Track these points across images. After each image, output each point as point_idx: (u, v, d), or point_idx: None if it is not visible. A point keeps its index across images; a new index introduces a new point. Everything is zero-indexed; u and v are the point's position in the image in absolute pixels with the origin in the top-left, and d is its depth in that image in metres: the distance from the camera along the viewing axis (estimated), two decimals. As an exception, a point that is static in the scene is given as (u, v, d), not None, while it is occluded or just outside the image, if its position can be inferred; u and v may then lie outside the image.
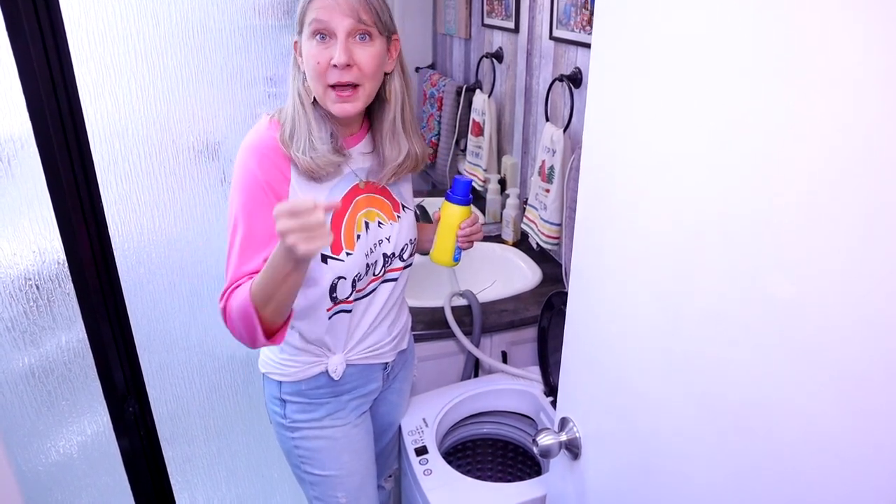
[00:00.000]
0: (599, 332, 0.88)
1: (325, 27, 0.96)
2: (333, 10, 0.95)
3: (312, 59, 0.98)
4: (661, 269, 0.72)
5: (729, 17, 0.57)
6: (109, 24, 1.17)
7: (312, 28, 0.97)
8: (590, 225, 0.87)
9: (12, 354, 1.25)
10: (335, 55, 0.96)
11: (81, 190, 1.20)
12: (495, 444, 1.66)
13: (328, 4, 0.96)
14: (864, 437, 0.50)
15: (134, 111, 1.25)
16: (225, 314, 0.99)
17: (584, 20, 1.58)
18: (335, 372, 1.16)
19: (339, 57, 0.96)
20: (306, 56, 0.99)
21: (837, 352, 0.51)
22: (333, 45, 0.97)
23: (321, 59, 0.97)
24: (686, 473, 0.72)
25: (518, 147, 2.10)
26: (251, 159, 1.00)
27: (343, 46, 0.96)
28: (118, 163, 1.26)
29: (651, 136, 0.71)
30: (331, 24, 0.96)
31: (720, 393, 0.65)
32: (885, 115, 0.45)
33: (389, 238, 1.14)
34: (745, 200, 0.58)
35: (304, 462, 1.23)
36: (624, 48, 0.74)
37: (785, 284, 0.55)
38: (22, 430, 1.31)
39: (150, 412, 1.44)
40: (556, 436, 0.98)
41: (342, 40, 0.96)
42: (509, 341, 1.71)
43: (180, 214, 1.38)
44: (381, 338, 1.22)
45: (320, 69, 0.98)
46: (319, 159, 1.01)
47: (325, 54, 0.97)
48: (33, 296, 1.24)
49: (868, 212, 0.47)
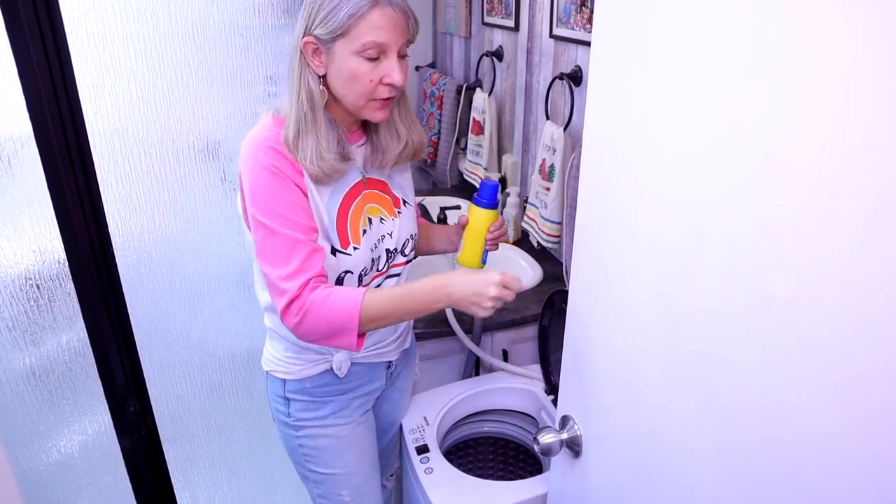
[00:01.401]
0: (600, 330, 0.88)
1: (383, 48, 0.96)
2: (393, 30, 0.96)
3: (364, 77, 0.97)
4: (661, 268, 0.72)
5: (729, 15, 0.57)
6: (109, 24, 1.17)
7: (368, 47, 0.95)
8: (590, 223, 0.87)
9: (13, 354, 1.25)
10: (393, 75, 0.98)
11: (82, 189, 1.20)
12: (496, 443, 1.66)
13: (388, 25, 0.95)
14: (864, 437, 0.50)
15: (134, 110, 1.25)
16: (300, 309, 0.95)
17: (584, 18, 1.57)
18: (339, 369, 1.17)
19: (398, 77, 0.98)
20: (353, 71, 0.97)
21: (838, 351, 0.51)
22: (382, 63, 0.98)
23: (374, 77, 0.98)
24: (687, 471, 0.72)
25: (518, 145, 2.10)
26: (262, 154, 0.98)
27: (400, 67, 0.98)
28: (118, 162, 1.26)
29: (651, 135, 0.71)
30: (388, 45, 0.96)
31: (720, 391, 0.65)
32: (885, 115, 0.45)
33: (391, 233, 1.14)
34: (746, 199, 0.58)
35: (308, 460, 1.23)
36: (624, 46, 0.74)
37: (785, 283, 0.55)
38: (23, 430, 1.31)
39: (151, 411, 1.44)
40: (558, 434, 0.98)
41: (396, 59, 0.98)
42: (510, 340, 1.71)
43: (180, 213, 1.38)
44: (386, 336, 1.22)
45: (371, 86, 0.99)
46: (327, 168, 1.00)
47: (376, 72, 0.98)
48: (34, 295, 1.24)
49: (869, 211, 0.47)
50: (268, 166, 0.98)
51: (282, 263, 0.97)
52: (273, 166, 0.98)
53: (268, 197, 0.98)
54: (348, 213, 1.07)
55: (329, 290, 0.97)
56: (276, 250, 0.98)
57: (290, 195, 0.98)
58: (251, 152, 0.99)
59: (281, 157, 0.99)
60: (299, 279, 0.96)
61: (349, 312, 0.95)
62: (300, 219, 0.99)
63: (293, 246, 0.97)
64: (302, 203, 1.00)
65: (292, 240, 0.97)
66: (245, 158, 1.00)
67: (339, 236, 1.05)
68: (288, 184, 0.98)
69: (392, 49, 0.97)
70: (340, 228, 1.06)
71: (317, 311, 0.96)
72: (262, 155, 0.98)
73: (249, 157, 0.99)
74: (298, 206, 0.99)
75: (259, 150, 0.99)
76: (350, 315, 0.95)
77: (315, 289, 0.97)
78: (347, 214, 1.07)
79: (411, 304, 0.98)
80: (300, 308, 0.96)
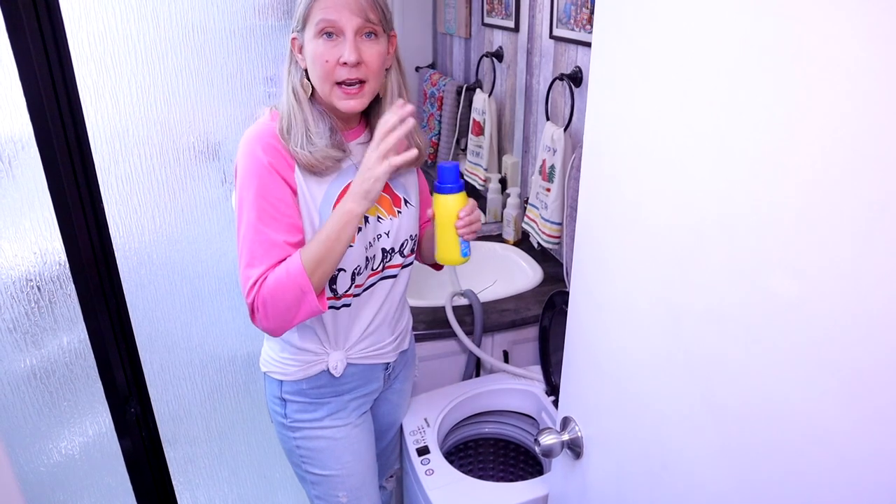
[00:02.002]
0: (601, 331, 0.88)
1: (334, 26, 0.97)
2: (342, 8, 0.96)
3: (320, 58, 0.98)
4: (662, 268, 0.72)
5: (730, 14, 0.57)
6: (110, 25, 1.17)
7: (320, 27, 0.97)
8: (591, 224, 0.87)
9: (14, 355, 1.25)
10: (345, 53, 0.97)
11: (82, 191, 1.19)
12: (497, 444, 1.66)
13: (336, 3, 0.96)
14: (867, 438, 0.50)
15: (134, 112, 1.25)
16: (258, 298, 0.98)
17: (584, 19, 1.57)
18: (335, 369, 1.16)
19: (349, 55, 0.97)
20: (312, 54, 0.99)
21: (841, 351, 0.51)
22: (341, 44, 0.97)
23: (329, 57, 0.98)
24: (688, 472, 0.72)
25: (519, 146, 2.10)
26: (256, 147, 1.00)
27: (352, 45, 0.97)
28: (119, 163, 1.26)
29: (652, 135, 0.70)
30: (339, 23, 0.96)
31: (722, 392, 0.64)
32: (888, 114, 0.44)
33: (389, 233, 1.14)
34: (747, 199, 0.58)
35: (305, 462, 1.23)
36: (624, 47, 0.74)
37: (788, 283, 0.55)
38: (24, 432, 1.31)
39: (152, 413, 1.44)
40: (558, 435, 0.98)
41: (351, 39, 0.97)
42: (511, 341, 1.71)
43: (181, 215, 1.38)
44: (383, 337, 1.22)
45: (328, 67, 0.98)
46: (318, 153, 1.01)
47: (333, 52, 0.98)
48: (35, 297, 1.24)
49: (871, 210, 0.47)
50: (261, 160, 0.99)
51: (255, 262, 0.99)
52: (266, 162, 0.99)
53: (256, 192, 0.99)
54: None
55: (271, 272, 0.98)
56: (253, 248, 0.99)
57: (277, 192, 1.00)
58: (248, 147, 1.01)
59: (275, 151, 1.01)
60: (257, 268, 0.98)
61: (293, 273, 0.96)
62: (284, 217, 1.00)
63: (268, 248, 0.99)
64: (288, 200, 1.01)
65: (269, 241, 0.99)
66: (241, 152, 1.02)
67: None
68: (277, 180, 1.00)
69: (347, 28, 0.97)
70: None
71: (270, 294, 0.97)
72: (258, 150, 1.00)
73: (245, 152, 1.01)
74: (283, 203, 1.00)
75: (256, 144, 1.00)
76: (296, 274, 0.96)
77: (263, 281, 0.98)
78: None
79: (332, 229, 0.97)
80: (258, 304, 0.99)
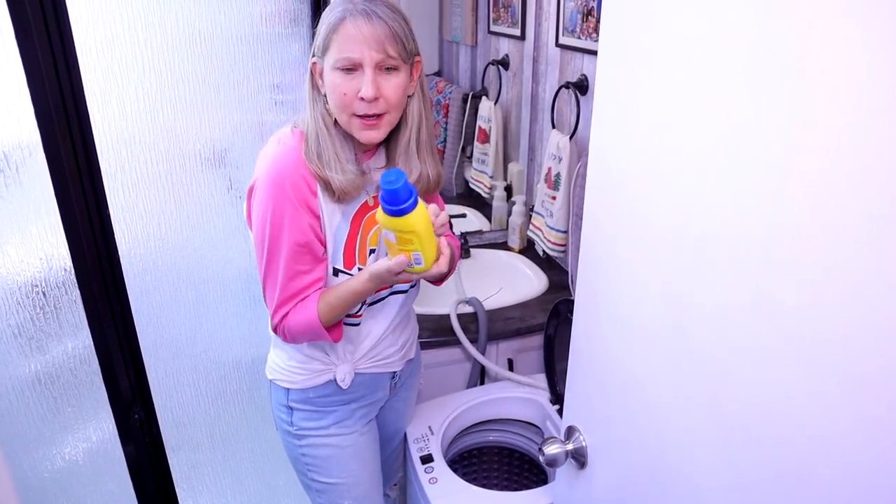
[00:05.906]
0: (606, 340, 0.87)
1: (353, 62, 0.95)
2: (361, 44, 0.94)
3: (338, 90, 0.97)
4: (668, 277, 0.71)
5: (736, 23, 0.57)
6: (117, 33, 1.18)
7: (339, 64, 0.96)
8: (596, 232, 0.87)
9: (18, 361, 1.25)
10: (363, 88, 0.95)
11: (88, 197, 1.20)
12: (501, 453, 1.65)
13: (355, 38, 0.94)
14: (873, 443, 0.49)
15: (141, 118, 1.26)
16: (282, 328, 1.06)
17: (590, 27, 1.58)
18: (343, 381, 1.16)
19: (367, 91, 0.95)
20: (331, 85, 0.98)
21: (846, 358, 0.50)
22: (359, 77, 0.96)
23: (347, 90, 0.96)
24: (694, 482, 0.72)
25: (524, 154, 2.10)
26: (285, 184, 0.99)
27: (371, 80, 0.95)
28: (125, 170, 1.27)
29: (658, 143, 0.70)
30: (358, 59, 0.95)
31: (728, 402, 0.64)
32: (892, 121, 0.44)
33: None
34: (752, 208, 0.57)
35: (310, 470, 1.22)
36: (630, 55, 0.74)
37: (793, 291, 0.54)
38: (27, 437, 1.31)
39: (156, 419, 1.44)
40: (563, 444, 0.97)
41: (370, 74, 0.95)
42: (515, 349, 1.70)
43: (187, 221, 1.38)
44: (391, 348, 1.22)
45: (347, 100, 0.97)
46: (350, 184, 1.01)
47: (351, 86, 0.96)
48: (40, 302, 1.24)
49: (876, 217, 0.46)
50: (291, 200, 0.99)
51: (284, 302, 1.05)
52: (295, 201, 0.99)
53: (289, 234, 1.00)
54: (358, 232, 1.07)
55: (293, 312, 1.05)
56: (284, 286, 1.04)
57: (307, 231, 1.01)
58: (276, 182, 0.99)
59: (303, 184, 1.00)
60: (286, 308, 1.05)
61: (311, 322, 1.04)
62: (312, 254, 1.03)
63: (298, 290, 1.04)
64: (314, 233, 1.03)
65: (297, 285, 1.04)
66: (267, 183, 0.99)
67: (345, 257, 1.06)
68: (305, 218, 1.01)
69: (365, 63, 0.95)
70: (348, 249, 1.06)
71: (290, 332, 1.06)
72: (287, 188, 0.99)
73: (272, 185, 0.99)
74: (312, 242, 1.03)
75: (285, 181, 0.99)
76: (314, 327, 1.04)
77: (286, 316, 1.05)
78: (357, 234, 1.07)
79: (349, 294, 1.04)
80: (282, 334, 1.08)
